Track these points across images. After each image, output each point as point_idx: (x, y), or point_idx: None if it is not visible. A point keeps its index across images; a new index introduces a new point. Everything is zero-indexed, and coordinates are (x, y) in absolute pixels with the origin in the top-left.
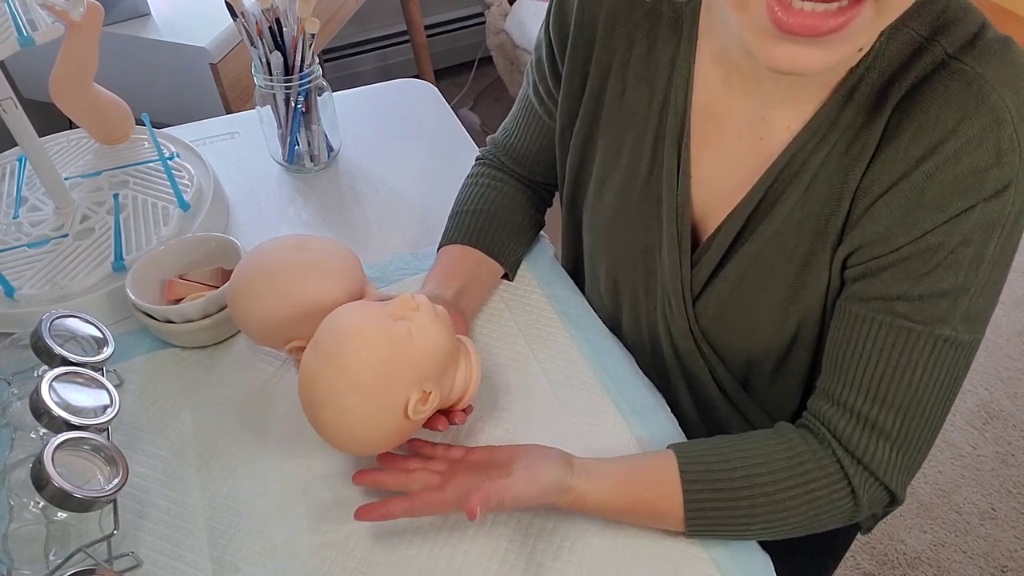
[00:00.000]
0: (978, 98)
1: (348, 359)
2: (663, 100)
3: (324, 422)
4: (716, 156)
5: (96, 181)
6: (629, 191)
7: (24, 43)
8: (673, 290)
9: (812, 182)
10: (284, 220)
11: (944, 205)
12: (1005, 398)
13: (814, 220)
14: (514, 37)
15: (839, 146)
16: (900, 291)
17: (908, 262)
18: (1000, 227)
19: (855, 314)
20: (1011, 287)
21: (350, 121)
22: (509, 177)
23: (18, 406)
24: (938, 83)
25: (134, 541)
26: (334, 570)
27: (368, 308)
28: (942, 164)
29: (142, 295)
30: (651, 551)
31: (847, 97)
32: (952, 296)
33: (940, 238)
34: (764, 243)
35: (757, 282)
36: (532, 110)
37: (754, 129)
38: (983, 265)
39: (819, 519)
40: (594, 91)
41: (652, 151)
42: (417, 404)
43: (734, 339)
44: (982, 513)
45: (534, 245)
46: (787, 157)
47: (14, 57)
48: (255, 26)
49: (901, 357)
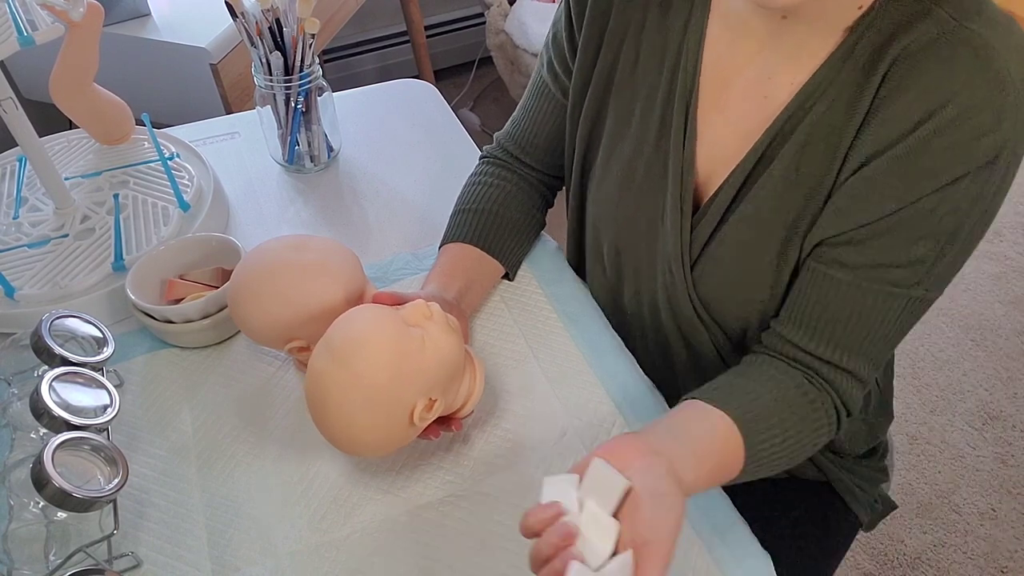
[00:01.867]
0: (984, 63)
1: (361, 363)
2: (674, 65)
3: (329, 423)
4: (723, 118)
5: (96, 181)
6: (637, 158)
7: (24, 43)
8: (673, 255)
9: (808, 140)
10: (284, 220)
11: (938, 172)
12: (1005, 399)
13: (809, 180)
14: (514, 37)
15: (838, 105)
16: (890, 259)
17: (899, 229)
18: (985, 197)
19: (839, 280)
20: (1011, 287)
21: (350, 121)
22: (513, 176)
23: (18, 406)
24: (944, 47)
25: (134, 541)
26: (334, 570)
27: (383, 313)
28: (941, 129)
29: (142, 295)
30: None
31: (847, 55)
32: (931, 261)
33: (931, 205)
34: (760, 203)
35: (752, 246)
36: (545, 91)
37: (759, 88)
38: (961, 234)
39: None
40: (607, 60)
41: (661, 116)
42: (423, 412)
43: (731, 306)
44: (982, 514)
45: (535, 244)
46: (787, 115)
47: (14, 57)
48: (255, 26)
49: (879, 317)
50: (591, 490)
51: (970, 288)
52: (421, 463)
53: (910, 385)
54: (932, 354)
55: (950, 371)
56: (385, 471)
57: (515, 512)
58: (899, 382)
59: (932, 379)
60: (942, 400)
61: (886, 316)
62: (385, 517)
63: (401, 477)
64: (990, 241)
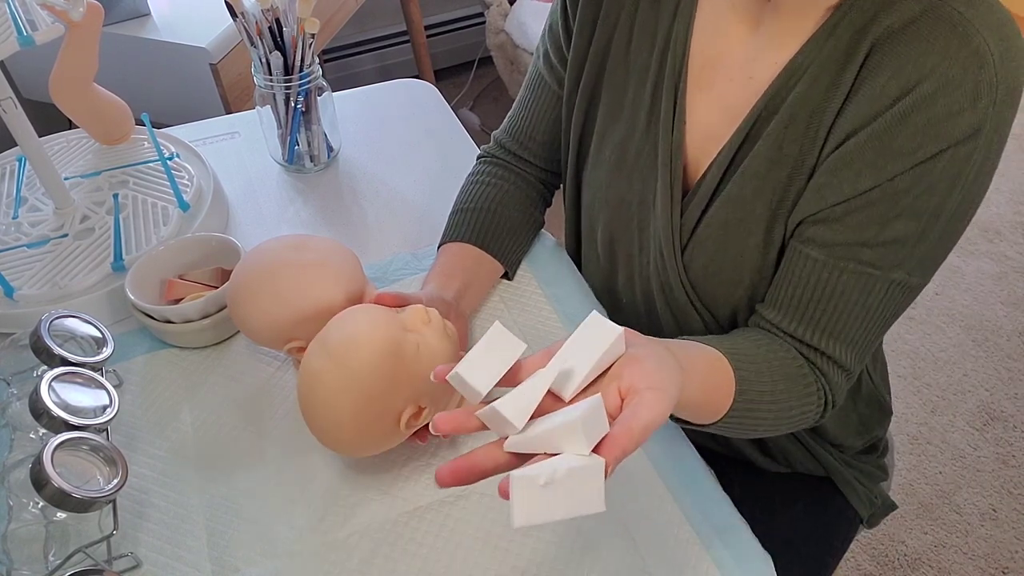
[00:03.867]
0: (962, 40)
1: (356, 363)
2: (664, 48)
3: (317, 419)
4: (710, 99)
5: (96, 181)
6: (628, 141)
7: (24, 43)
8: (664, 239)
9: (791, 119)
10: (284, 220)
11: (914, 148)
12: (1006, 399)
13: (791, 160)
14: (514, 37)
15: (820, 84)
16: (864, 238)
17: (874, 207)
18: (964, 176)
19: (815, 259)
20: (1012, 287)
21: (350, 121)
22: (511, 175)
23: (17, 406)
24: (923, 24)
25: (133, 541)
26: (334, 570)
27: (381, 315)
28: (917, 105)
29: (141, 295)
30: (652, 551)
31: (829, 34)
32: (912, 243)
33: (907, 183)
34: (744, 183)
35: (739, 227)
36: (541, 83)
37: (745, 69)
38: (943, 214)
39: (795, 417)
40: (600, 45)
41: (651, 99)
42: (411, 418)
43: (722, 289)
44: (983, 514)
45: (534, 244)
46: (770, 94)
47: (14, 57)
48: (255, 26)
49: (859, 299)
50: (585, 336)
51: (971, 288)
52: (421, 464)
53: (911, 385)
54: (933, 354)
55: (951, 371)
56: (385, 472)
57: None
58: (900, 382)
59: (933, 379)
60: (943, 400)
61: (867, 300)
62: (385, 518)
63: (401, 478)
64: (991, 241)
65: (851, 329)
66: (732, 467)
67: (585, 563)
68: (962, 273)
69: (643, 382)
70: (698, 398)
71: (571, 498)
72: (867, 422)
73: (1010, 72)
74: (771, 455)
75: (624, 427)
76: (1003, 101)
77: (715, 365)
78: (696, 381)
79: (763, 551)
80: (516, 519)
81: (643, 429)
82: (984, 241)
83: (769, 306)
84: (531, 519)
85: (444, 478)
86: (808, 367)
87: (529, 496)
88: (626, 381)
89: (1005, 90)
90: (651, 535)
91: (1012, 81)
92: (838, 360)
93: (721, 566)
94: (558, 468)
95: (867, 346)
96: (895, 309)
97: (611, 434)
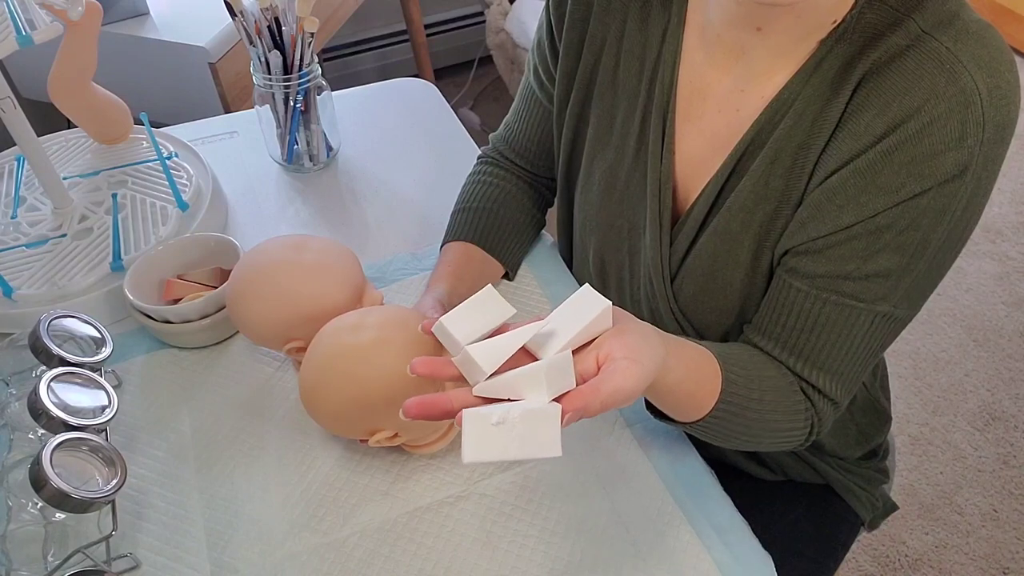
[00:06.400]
0: (949, 78)
1: (376, 361)
2: (652, 75)
3: (309, 389)
4: (698, 130)
5: (94, 181)
6: (618, 167)
7: (23, 42)
8: (654, 269)
9: (777, 155)
10: (283, 220)
11: (898, 186)
12: (1007, 399)
13: (777, 194)
14: (514, 36)
15: (806, 119)
16: (846, 271)
17: (855, 242)
18: (950, 213)
19: (798, 289)
20: (1013, 287)
21: (349, 121)
22: (511, 175)
23: (16, 406)
24: (910, 60)
25: (132, 542)
26: (334, 570)
27: (425, 347)
28: (902, 143)
29: (140, 295)
30: (652, 551)
31: (815, 68)
32: (896, 276)
33: (889, 220)
34: (731, 217)
35: (726, 259)
36: (532, 97)
37: (732, 101)
38: (929, 249)
39: (782, 432)
40: (588, 66)
41: (640, 127)
42: (382, 440)
43: (712, 316)
44: (984, 515)
45: (535, 244)
46: (756, 128)
47: (13, 57)
48: (254, 25)
49: (842, 331)
50: (575, 305)
51: (972, 288)
52: (421, 464)
53: (912, 386)
54: (934, 354)
55: (952, 371)
56: (385, 472)
57: (515, 513)
58: (901, 382)
59: (934, 379)
60: (944, 401)
61: (851, 331)
62: (384, 518)
63: (400, 478)
64: (992, 241)
65: (836, 360)
66: (729, 475)
67: (585, 563)
68: (964, 273)
69: (621, 352)
70: (681, 386)
71: (525, 440)
72: (866, 431)
73: (998, 110)
74: (767, 466)
75: (591, 386)
76: (991, 139)
77: (704, 360)
78: (680, 368)
79: (764, 552)
80: (465, 454)
81: (611, 392)
82: (986, 241)
83: (756, 332)
84: (480, 455)
85: (410, 408)
86: (799, 385)
87: (480, 433)
88: (604, 350)
89: (993, 128)
90: (651, 535)
91: (1001, 118)
92: (824, 391)
93: (721, 566)
94: (512, 409)
95: (854, 377)
96: (882, 341)
97: (576, 389)
